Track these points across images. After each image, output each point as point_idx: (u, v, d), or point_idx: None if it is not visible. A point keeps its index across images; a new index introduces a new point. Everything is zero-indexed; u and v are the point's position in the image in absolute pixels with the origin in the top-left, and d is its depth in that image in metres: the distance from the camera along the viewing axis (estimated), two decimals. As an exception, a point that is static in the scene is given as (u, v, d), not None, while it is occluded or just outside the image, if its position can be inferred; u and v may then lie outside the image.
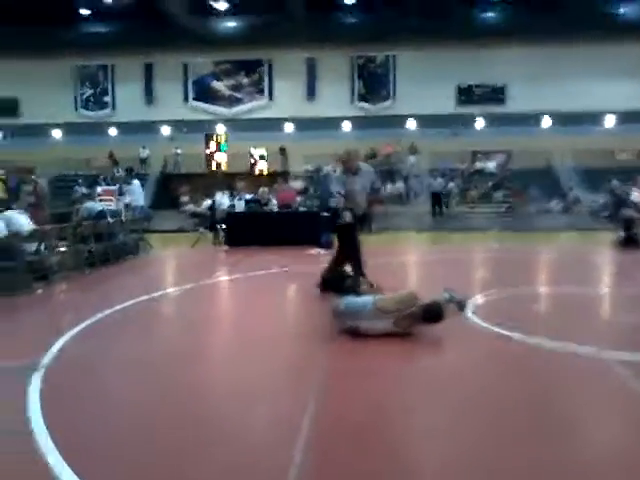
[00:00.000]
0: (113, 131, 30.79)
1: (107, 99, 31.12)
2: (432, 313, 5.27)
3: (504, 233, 17.82)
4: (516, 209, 24.89)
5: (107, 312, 6.56)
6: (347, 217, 7.25)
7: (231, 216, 14.90)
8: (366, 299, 5.42)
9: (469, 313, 6.12)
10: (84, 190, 21.30)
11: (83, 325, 5.92)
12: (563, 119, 28.16)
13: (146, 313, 6.97)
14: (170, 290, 8.76)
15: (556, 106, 28.05)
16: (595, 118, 28.46)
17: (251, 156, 18.21)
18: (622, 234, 13.17)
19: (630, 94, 27.82)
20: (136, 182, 18.17)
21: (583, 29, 26.53)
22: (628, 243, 12.87)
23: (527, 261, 12.25)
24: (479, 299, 6.99)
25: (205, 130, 26.99)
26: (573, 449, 3.10)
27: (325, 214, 14.97)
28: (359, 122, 29.57)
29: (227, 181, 19.11)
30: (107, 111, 31.14)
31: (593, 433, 3.40)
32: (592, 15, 26.09)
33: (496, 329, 5.56)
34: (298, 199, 16.09)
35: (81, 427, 3.43)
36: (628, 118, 28.09)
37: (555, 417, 3.50)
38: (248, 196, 16.77)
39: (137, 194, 17.05)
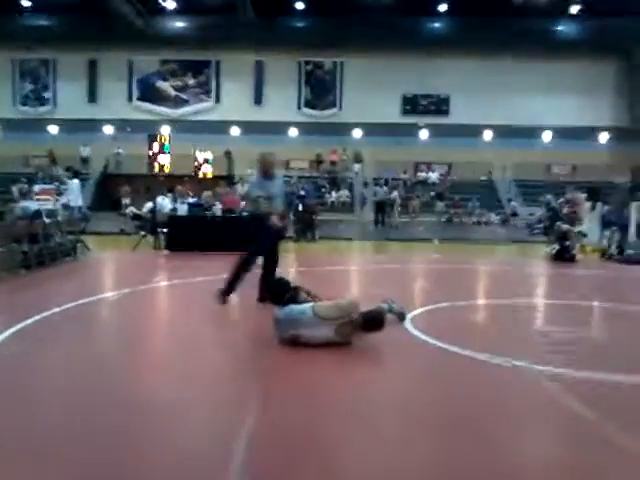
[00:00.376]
0: (53, 129, 29.96)
1: (48, 95, 30.29)
2: (373, 320, 5.29)
3: (444, 244, 18.13)
4: (456, 220, 25.43)
5: (41, 315, 6.37)
6: (276, 220, 7.01)
7: (173, 220, 14.69)
8: (304, 306, 5.35)
9: (408, 325, 6.21)
10: (21, 188, 20.62)
11: (15, 328, 5.74)
12: (503, 132, 28.98)
13: (81, 317, 6.80)
14: (107, 294, 8.56)
15: (497, 119, 28.83)
16: (533, 132, 29.37)
17: (196, 159, 17.95)
18: (556, 247, 13.60)
19: (567, 110, 28.86)
20: (75, 181, 17.73)
21: (523, 44, 27.43)
22: (561, 256, 13.31)
23: (466, 273, 12.52)
24: (418, 311, 7.09)
25: (149, 130, 26.63)
26: (504, 460, 3.18)
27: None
28: (305, 128, 29.69)
29: (170, 184, 18.85)
30: (47, 107, 30.30)
31: (520, 445, 3.49)
32: (534, 31, 26.98)
33: (433, 341, 5.65)
34: (243, 204, 15.98)
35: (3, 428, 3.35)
36: (563, 133, 29.11)
37: (478, 428, 3.59)
38: (191, 200, 16.59)
39: (75, 194, 16.66)
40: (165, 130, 27.48)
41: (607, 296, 9.09)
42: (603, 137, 29.64)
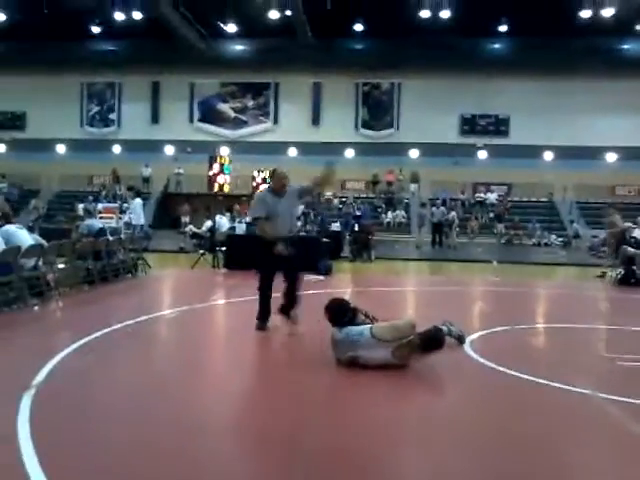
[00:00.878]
0: (117, 149, 30.96)
1: (113, 116, 31.35)
2: (432, 340, 5.20)
3: (504, 265, 17.73)
4: (515, 242, 24.92)
5: (102, 331, 6.52)
6: (281, 249, 6.61)
7: (231, 238, 14.87)
8: (363, 328, 5.32)
9: (467, 348, 6.09)
10: (86, 206, 21.30)
11: (77, 344, 5.89)
12: (565, 153, 28.36)
13: (141, 334, 6.93)
14: (166, 312, 8.71)
15: (558, 140, 28.27)
16: (596, 153, 28.63)
17: (254, 179, 18.20)
18: (621, 271, 13.14)
19: (631, 130, 28.04)
20: (138, 200, 18.19)
21: (587, 63, 26.84)
22: (627, 281, 12.84)
23: (526, 296, 12.21)
24: (477, 334, 6.95)
25: (208, 151, 27.20)
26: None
27: (325, 240, 15.03)
28: (362, 148, 29.76)
29: (228, 203, 19.15)
30: (112, 128, 31.36)
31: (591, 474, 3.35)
32: (596, 50, 26.38)
33: (493, 365, 5.52)
34: (298, 224, 16.06)
35: (67, 444, 3.40)
36: (629, 154, 28.26)
37: (549, 457, 3.46)
38: (249, 219, 16.76)
39: (138, 213, 17.07)
40: (224, 151, 27.99)
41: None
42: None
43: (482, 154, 29.69)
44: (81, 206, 22.03)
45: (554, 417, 4.28)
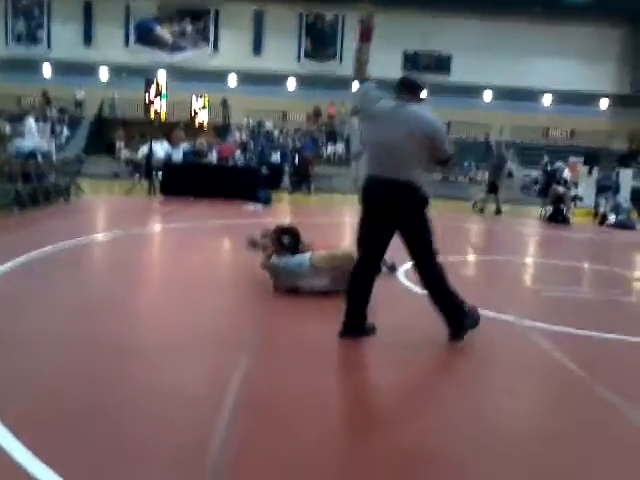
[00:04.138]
0: (47, 70, 29.38)
1: (42, 35, 29.59)
2: None
3: (439, 201, 18.03)
4: (451, 179, 25.36)
5: (35, 253, 6.36)
6: None
7: (168, 166, 14.60)
8: (302, 258, 5.38)
9: (401, 277, 6.26)
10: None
11: (9, 265, 5.74)
12: (503, 94, 28.70)
13: (76, 257, 6.81)
14: (101, 235, 8.54)
15: (498, 81, 28.51)
16: (533, 95, 29.11)
17: (192, 106, 17.75)
18: (550, 209, 13.65)
19: (568, 75, 28.56)
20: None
21: (528, 6, 26.90)
22: (555, 219, 13.37)
23: (459, 230, 12.56)
24: (410, 264, 7.11)
25: (145, 76, 26.22)
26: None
27: (265, 170, 14.93)
28: (304, 80, 29.25)
29: (164, 130, 18.62)
30: (41, 48, 29.62)
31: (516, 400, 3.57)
32: (540, -7, 26.46)
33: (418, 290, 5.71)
34: (238, 153, 15.89)
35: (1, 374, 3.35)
36: (563, 98, 28.88)
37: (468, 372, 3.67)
38: (186, 146, 16.42)
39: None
40: (162, 76, 27.04)
41: (597, 259, 9.17)
42: (603, 103, 29.44)
43: (423, 91, 29.68)
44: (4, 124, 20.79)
45: (480, 340, 4.50)
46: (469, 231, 12.76)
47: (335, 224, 12.15)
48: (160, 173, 14.56)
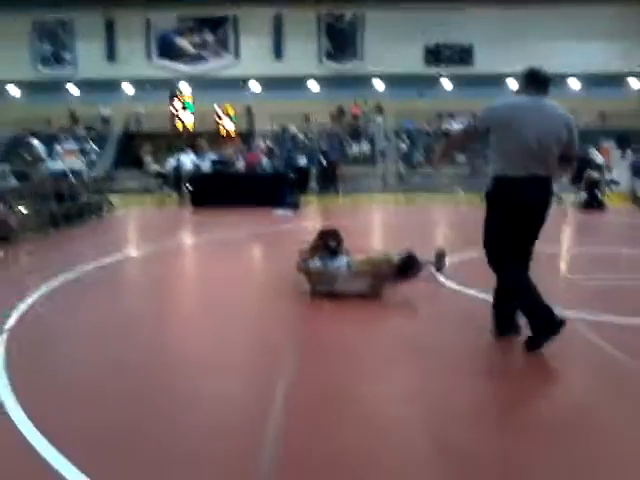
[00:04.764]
0: (74, 89, 29.84)
1: (67, 56, 30.04)
2: (409, 266, 5.41)
3: (469, 195, 17.82)
4: (478, 171, 25.01)
5: (72, 274, 6.44)
6: None
7: (197, 176, 14.69)
8: (340, 261, 5.43)
9: (441, 276, 6.19)
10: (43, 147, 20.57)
11: (48, 287, 5.81)
12: (529, 81, 28.24)
13: (113, 275, 6.87)
14: (138, 251, 8.62)
15: (520, 68, 27.93)
16: (558, 79, 28.58)
17: (217, 115, 17.85)
18: (585, 196, 13.38)
19: (594, 56, 28.00)
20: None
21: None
22: (590, 205, 13.10)
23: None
24: (451, 262, 7.02)
25: (168, 88, 26.49)
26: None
27: (292, 175, 14.93)
28: (326, 81, 29.19)
29: (190, 141, 18.78)
30: (67, 68, 30.05)
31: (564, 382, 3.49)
32: (559, -24, 26.01)
33: (466, 290, 5.65)
34: (264, 160, 15.92)
35: (44, 389, 3.39)
36: (590, 80, 28.33)
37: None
38: (213, 156, 16.53)
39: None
40: (184, 87, 27.29)
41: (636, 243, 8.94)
42: (633, 83, 28.78)
43: (446, 84, 29.43)
44: (38, 145, 21.20)
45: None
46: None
47: (366, 225, 12.10)
48: (189, 184, 14.66)
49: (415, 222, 12.35)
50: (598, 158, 14.59)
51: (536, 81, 3.98)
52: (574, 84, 29.06)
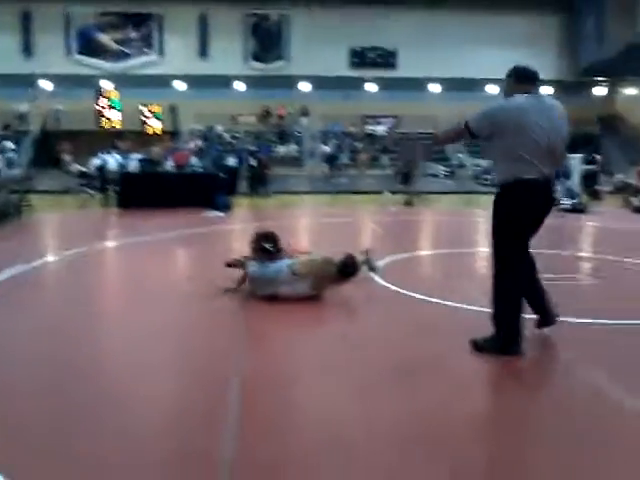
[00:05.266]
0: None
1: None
2: (349, 267, 5.43)
3: (396, 196, 18.17)
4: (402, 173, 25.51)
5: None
6: None
7: (125, 177, 14.28)
8: (280, 264, 5.36)
9: (375, 275, 6.28)
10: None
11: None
12: (449, 85, 29.09)
13: (37, 279, 6.58)
14: (61, 256, 8.23)
15: (444, 72, 28.86)
16: (479, 85, 29.57)
17: (142, 114, 17.44)
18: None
19: (510, 64, 28.93)
20: None
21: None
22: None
23: (421, 224, 12.67)
24: (383, 261, 7.14)
25: (89, 86, 25.69)
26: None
27: (222, 175, 14.78)
28: (252, 81, 29.09)
29: (111, 140, 18.24)
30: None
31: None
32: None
33: (403, 291, 5.76)
34: (194, 159, 15.67)
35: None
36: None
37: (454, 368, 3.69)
38: (137, 155, 16.13)
39: None
40: (106, 85, 26.54)
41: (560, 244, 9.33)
42: (546, 90, 30.06)
43: (371, 87, 29.88)
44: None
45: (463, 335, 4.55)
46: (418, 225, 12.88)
47: (301, 226, 12.12)
48: (115, 185, 14.26)
49: (345, 223, 12.46)
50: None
51: (530, 78, 3.95)
52: (492, 90, 30.07)
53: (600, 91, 30.84)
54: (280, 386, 3.50)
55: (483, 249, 8.86)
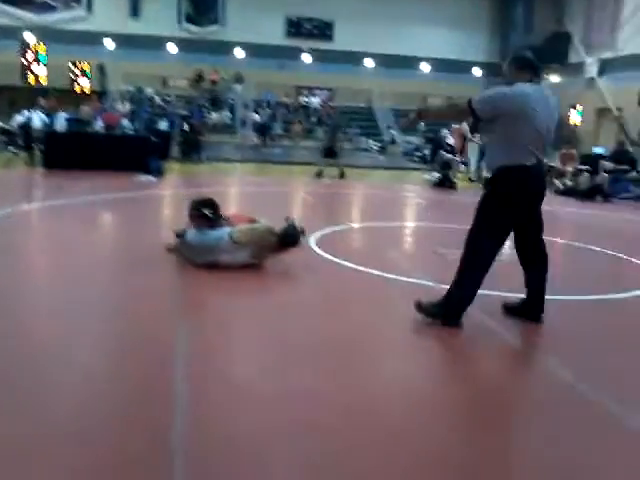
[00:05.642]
0: None
1: None
2: (291, 237, 5.43)
3: (327, 169, 18.28)
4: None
5: None
6: None
7: (51, 136, 13.74)
8: (221, 232, 5.32)
9: (314, 246, 6.40)
10: None
11: None
12: (384, 61, 29.32)
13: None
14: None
15: (378, 48, 29.04)
16: (412, 62, 29.97)
17: (71, 71, 16.75)
18: (438, 175, 14.24)
19: (444, 43, 29.67)
20: None
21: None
22: (442, 184, 13.98)
23: (355, 197, 12.85)
24: (320, 232, 7.26)
25: (9, 38, 24.33)
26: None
27: (154, 139, 14.46)
28: (185, 44, 28.32)
29: (35, 96, 17.40)
30: None
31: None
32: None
33: (339, 261, 5.92)
34: (125, 122, 15.24)
35: None
36: (440, 65, 29.99)
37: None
38: (64, 114, 15.50)
39: None
40: (29, 38, 25.21)
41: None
42: (477, 71, 30.79)
43: (307, 58, 29.72)
44: None
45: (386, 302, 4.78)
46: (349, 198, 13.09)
47: (235, 193, 12.07)
48: (40, 144, 13.71)
49: (282, 192, 12.50)
50: (450, 140, 15.53)
51: (531, 66, 4.00)
52: (425, 68, 30.54)
53: (527, 76, 31.77)
54: (224, 357, 3.56)
55: (413, 223, 9.18)
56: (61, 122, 14.22)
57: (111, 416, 2.66)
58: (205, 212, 5.44)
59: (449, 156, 14.32)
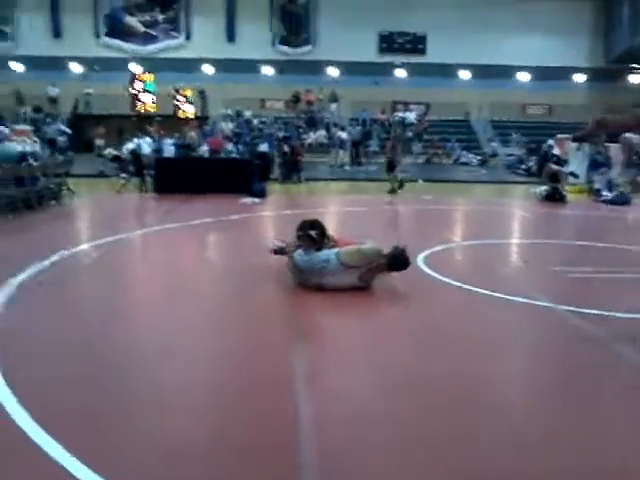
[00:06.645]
0: (18, 66, 28.37)
1: (7, 30, 28.57)
2: (399, 260, 5.26)
3: (429, 184, 18.03)
4: (435, 161, 25.33)
5: (39, 265, 5.96)
6: None
7: (160, 162, 14.28)
8: (328, 253, 5.23)
9: (421, 265, 6.21)
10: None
11: (16, 280, 5.37)
12: (479, 72, 28.69)
13: (84, 266, 6.52)
14: (105, 240, 8.19)
15: (473, 59, 28.46)
16: (509, 72, 29.17)
17: (175, 98, 17.39)
18: (547, 188, 13.66)
19: (543, 50, 28.64)
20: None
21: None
22: (552, 197, 13.39)
23: (461, 213, 12.53)
24: (427, 251, 7.03)
25: (118, 69, 25.68)
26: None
27: (257, 161, 14.73)
28: (280, 66, 28.88)
29: (142, 124, 18.20)
30: (8, 43, 28.55)
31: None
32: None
33: (446, 280, 5.69)
34: (229, 145, 15.63)
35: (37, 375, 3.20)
36: (539, 74, 28.99)
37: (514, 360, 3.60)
38: (170, 140, 16.11)
39: None
40: (135, 68, 26.50)
41: (606, 237, 9.17)
42: (579, 77, 29.59)
43: (400, 73, 29.57)
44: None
45: (515, 327, 4.51)
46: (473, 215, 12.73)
47: (339, 213, 12.03)
48: (149, 170, 14.27)
49: (385, 210, 12.36)
50: (555, 150, 14.92)
51: None
52: (523, 77, 29.65)
53: (635, 79, 30.05)
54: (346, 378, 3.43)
55: (525, 240, 8.78)
56: (169, 148, 14.73)
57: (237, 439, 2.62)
58: (312, 234, 5.39)
59: (557, 168, 13.71)
